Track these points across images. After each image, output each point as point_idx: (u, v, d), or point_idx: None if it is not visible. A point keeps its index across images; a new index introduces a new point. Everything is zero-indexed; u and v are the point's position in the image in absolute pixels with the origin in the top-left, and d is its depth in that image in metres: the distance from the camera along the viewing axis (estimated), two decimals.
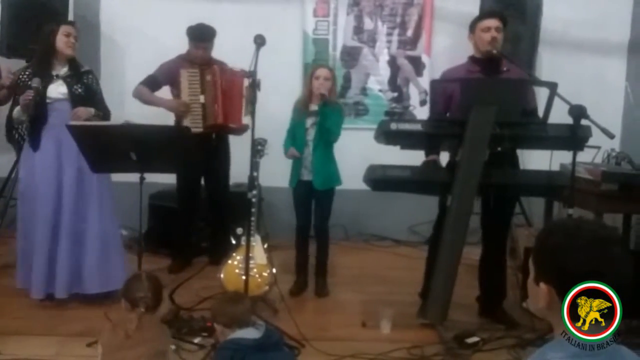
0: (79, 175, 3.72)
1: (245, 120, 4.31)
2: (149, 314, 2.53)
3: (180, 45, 4.44)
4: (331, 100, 4.00)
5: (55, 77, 3.77)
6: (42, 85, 3.68)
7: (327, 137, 4.01)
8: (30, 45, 4.46)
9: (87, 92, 3.82)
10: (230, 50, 4.46)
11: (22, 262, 3.80)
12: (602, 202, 3.69)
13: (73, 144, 3.35)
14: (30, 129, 3.75)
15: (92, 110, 3.77)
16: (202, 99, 4.36)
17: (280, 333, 3.03)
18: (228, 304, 2.77)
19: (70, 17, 4.91)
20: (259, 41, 3.50)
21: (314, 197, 4.12)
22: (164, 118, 4.42)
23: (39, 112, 3.69)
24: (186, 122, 4.27)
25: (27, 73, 3.79)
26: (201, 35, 4.40)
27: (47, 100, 3.72)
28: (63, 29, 3.77)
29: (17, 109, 3.72)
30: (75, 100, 3.76)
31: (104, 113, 3.87)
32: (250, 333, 2.64)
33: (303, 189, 4.10)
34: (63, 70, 3.80)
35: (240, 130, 4.39)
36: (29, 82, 3.68)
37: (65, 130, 3.32)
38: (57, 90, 3.75)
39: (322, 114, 3.97)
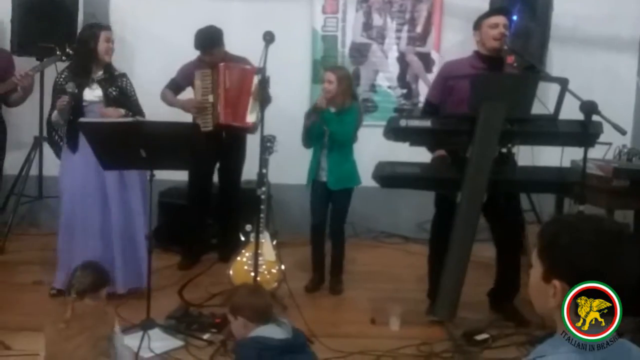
0: (120, 176, 3.75)
1: (251, 118, 4.31)
2: (81, 300, 2.55)
3: (189, 44, 4.43)
4: (336, 103, 3.96)
5: (91, 81, 3.79)
6: (78, 88, 3.71)
7: (333, 139, 3.99)
8: (41, 44, 4.50)
9: (121, 95, 3.84)
10: (239, 48, 4.46)
11: (64, 262, 3.75)
12: (613, 199, 3.68)
13: None
14: (67, 131, 3.78)
15: (122, 111, 3.78)
16: (211, 98, 4.38)
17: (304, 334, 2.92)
18: (251, 297, 2.67)
19: (80, 16, 4.92)
20: (268, 38, 3.50)
21: (330, 197, 4.10)
22: (178, 117, 4.40)
23: (76, 115, 3.70)
24: (198, 121, 4.28)
25: (63, 76, 3.81)
26: (204, 45, 4.36)
27: (83, 103, 3.75)
28: (104, 35, 3.79)
29: (55, 113, 3.77)
30: (110, 102, 3.78)
31: (140, 115, 3.84)
32: (275, 332, 2.51)
33: (319, 189, 4.09)
34: (99, 73, 3.83)
35: (247, 129, 4.38)
36: (65, 87, 3.70)
37: None
38: (93, 93, 3.78)
39: (325, 118, 3.95)
